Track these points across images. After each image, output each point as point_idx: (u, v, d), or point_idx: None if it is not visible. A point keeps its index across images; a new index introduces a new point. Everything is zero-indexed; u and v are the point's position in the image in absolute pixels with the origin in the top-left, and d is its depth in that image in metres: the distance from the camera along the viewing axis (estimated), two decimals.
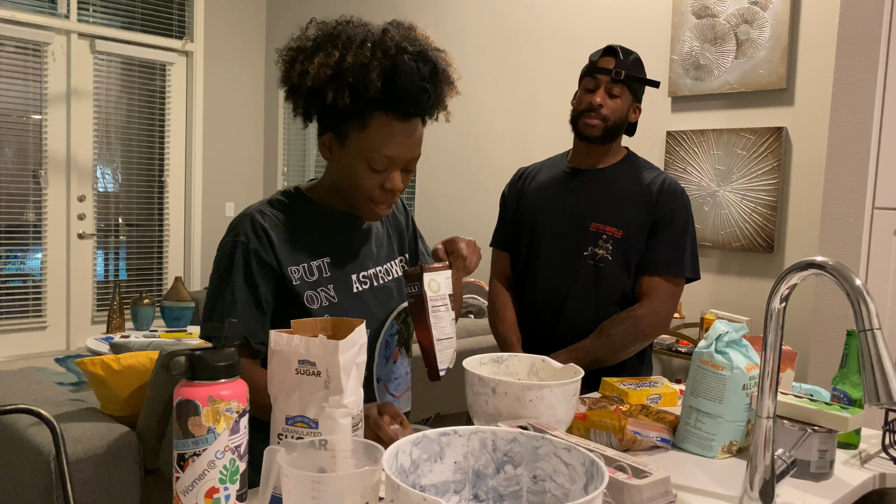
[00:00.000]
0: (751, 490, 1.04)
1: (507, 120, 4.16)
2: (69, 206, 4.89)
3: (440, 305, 1.26)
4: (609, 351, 1.80)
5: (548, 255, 1.90)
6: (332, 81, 1.20)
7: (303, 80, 1.22)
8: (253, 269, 1.25)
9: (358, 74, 1.19)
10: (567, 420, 1.20)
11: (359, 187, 1.27)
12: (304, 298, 1.27)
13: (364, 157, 1.24)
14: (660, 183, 1.84)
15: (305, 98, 1.25)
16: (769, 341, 1.02)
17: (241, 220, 1.28)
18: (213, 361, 0.85)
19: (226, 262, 1.26)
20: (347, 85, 1.19)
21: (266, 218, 1.28)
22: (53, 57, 4.76)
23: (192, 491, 0.84)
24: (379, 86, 1.19)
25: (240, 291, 1.24)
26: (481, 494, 0.89)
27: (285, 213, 1.31)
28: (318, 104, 1.24)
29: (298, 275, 1.28)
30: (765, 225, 3.09)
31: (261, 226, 1.26)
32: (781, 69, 3.04)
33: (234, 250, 1.25)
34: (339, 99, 1.20)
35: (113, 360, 2.26)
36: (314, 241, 1.31)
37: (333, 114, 1.24)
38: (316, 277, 1.29)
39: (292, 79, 1.24)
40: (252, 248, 1.25)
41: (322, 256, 1.31)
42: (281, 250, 1.27)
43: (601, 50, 1.87)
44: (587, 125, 1.84)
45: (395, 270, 1.43)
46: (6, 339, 4.69)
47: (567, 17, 3.85)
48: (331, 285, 1.30)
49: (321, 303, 1.28)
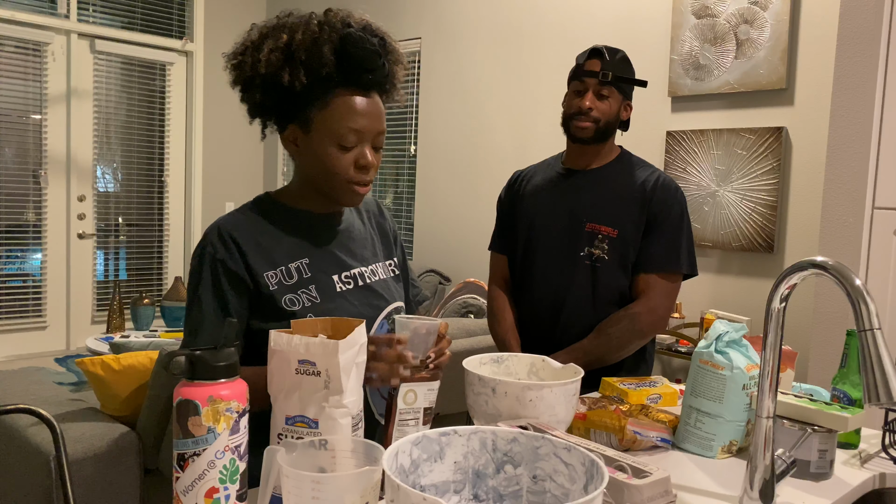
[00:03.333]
0: (751, 490, 1.04)
1: (507, 120, 4.16)
2: (69, 206, 4.89)
3: (409, 419, 1.15)
4: (608, 350, 1.80)
5: (545, 257, 1.90)
6: (285, 64, 1.20)
7: (255, 70, 1.21)
8: (221, 280, 1.22)
9: (310, 52, 1.20)
10: (567, 420, 1.20)
11: (334, 169, 1.24)
12: (282, 302, 1.23)
13: (332, 137, 1.23)
14: (654, 181, 1.85)
15: (262, 89, 1.23)
16: (769, 341, 1.02)
17: (209, 231, 1.26)
18: (213, 361, 0.85)
19: (195, 276, 1.24)
20: (301, 63, 1.20)
21: (234, 226, 1.25)
22: (53, 57, 4.76)
23: (192, 491, 0.84)
24: (333, 59, 1.20)
25: (207, 304, 1.22)
26: (481, 494, 0.89)
27: (256, 219, 1.28)
28: (276, 92, 1.22)
29: (276, 279, 1.24)
30: (765, 225, 3.09)
31: (228, 234, 1.24)
32: (781, 69, 3.04)
33: (202, 262, 1.23)
34: (295, 79, 1.20)
35: (113, 360, 2.26)
36: (291, 243, 1.28)
37: (293, 101, 1.23)
38: (295, 280, 1.26)
39: (244, 73, 1.23)
40: (219, 258, 1.22)
41: (301, 258, 1.28)
42: (253, 257, 1.24)
43: (587, 52, 1.86)
44: (578, 128, 1.84)
45: (381, 272, 1.39)
46: (6, 339, 4.69)
47: (567, 17, 3.85)
48: (312, 286, 1.27)
49: (303, 304, 1.25)
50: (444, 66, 4.50)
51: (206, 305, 1.22)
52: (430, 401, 1.16)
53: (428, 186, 4.62)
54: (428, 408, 1.16)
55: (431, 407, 1.16)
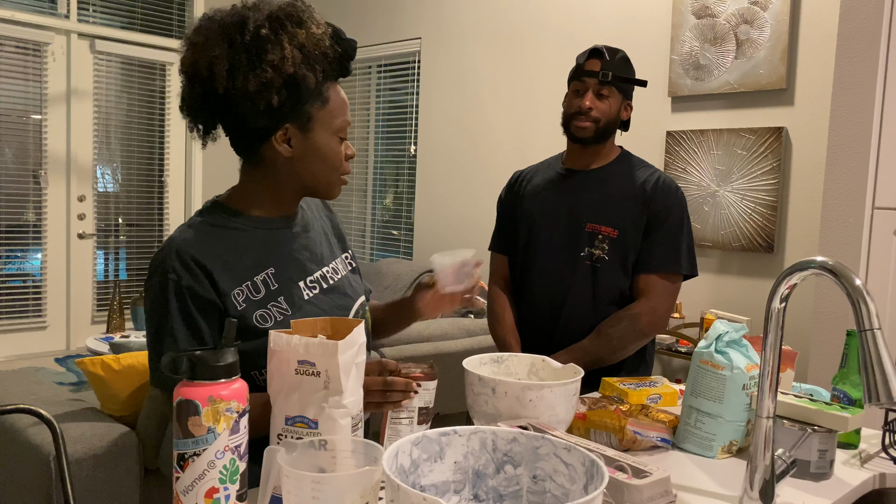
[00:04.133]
0: (751, 490, 1.04)
1: (507, 120, 4.16)
2: (69, 206, 4.89)
3: (403, 418, 1.13)
4: (608, 350, 1.80)
5: (545, 257, 1.90)
6: (303, 62, 1.16)
7: (278, 71, 1.15)
8: (189, 307, 1.14)
9: (317, 48, 1.18)
10: (567, 420, 1.20)
11: (335, 163, 1.23)
12: (253, 320, 1.17)
13: (335, 131, 1.22)
14: (654, 181, 1.85)
15: (285, 89, 1.16)
16: (769, 341, 1.02)
17: (166, 257, 1.15)
18: (213, 361, 0.85)
19: (159, 305, 1.14)
20: (318, 61, 1.18)
21: (193, 246, 1.16)
22: (53, 57, 4.76)
23: (192, 491, 0.84)
24: (339, 51, 1.20)
25: (180, 332, 1.13)
26: (481, 494, 0.89)
27: (213, 232, 1.20)
28: (293, 91, 1.17)
29: (243, 297, 1.17)
30: (765, 225, 3.09)
31: (191, 257, 1.14)
32: (781, 69, 3.04)
33: (166, 290, 1.13)
34: (315, 76, 1.18)
35: (113, 360, 2.26)
36: (253, 254, 1.21)
37: (297, 100, 1.18)
38: (263, 294, 1.19)
39: (265, 74, 1.14)
40: (185, 285, 1.13)
41: (265, 269, 1.21)
42: (220, 277, 1.15)
43: (587, 52, 1.86)
44: (578, 128, 1.84)
45: (340, 268, 1.35)
46: (6, 339, 4.68)
47: (567, 17, 3.85)
48: (281, 297, 1.21)
49: (274, 319, 1.19)
50: (444, 66, 4.50)
51: (180, 336, 1.13)
52: (425, 400, 1.14)
53: (428, 186, 4.62)
54: (424, 407, 1.15)
55: (428, 407, 1.15)
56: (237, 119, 1.19)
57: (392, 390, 1.09)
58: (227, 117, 1.20)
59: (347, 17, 5.07)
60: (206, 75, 1.16)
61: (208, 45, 1.16)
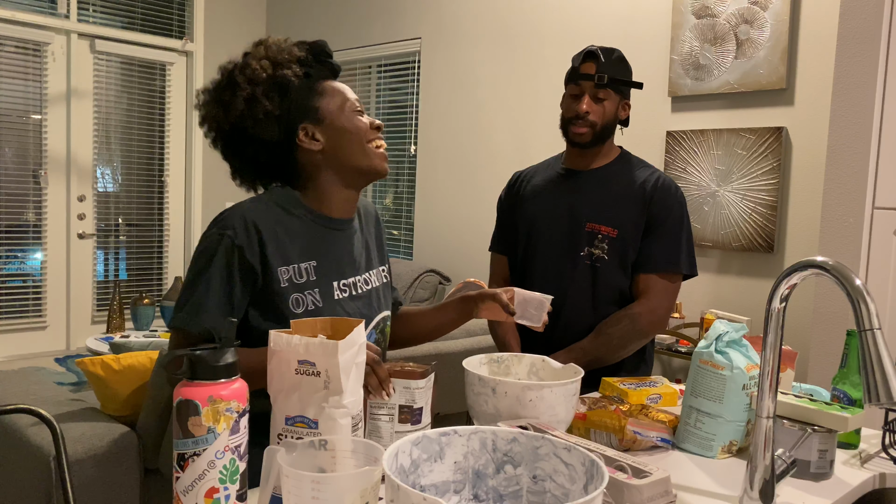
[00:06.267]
0: (751, 490, 1.04)
1: (507, 120, 4.16)
2: (69, 206, 4.89)
3: (381, 414, 1.12)
4: (608, 350, 1.80)
5: (545, 257, 1.90)
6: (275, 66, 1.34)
7: (254, 83, 1.31)
8: (234, 266, 1.22)
9: (283, 52, 1.36)
10: (567, 420, 1.20)
11: (359, 131, 1.35)
12: (289, 301, 1.25)
13: (343, 108, 1.35)
14: (653, 181, 1.84)
15: (272, 93, 1.33)
16: (769, 341, 1.02)
17: (231, 214, 1.25)
18: (213, 361, 0.85)
19: (207, 255, 1.23)
20: (291, 62, 1.35)
21: (258, 215, 1.26)
22: (53, 57, 4.76)
23: (192, 491, 0.84)
24: (309, 55, 1.37)
25: (215, 285, 1.21)
26: (481, 494, 0.89)
27: (278, 211, 1.30)
28: (282, 93, 1.33)
29: (287, 276, 1.26)
30: (765, 225, 3.09)
31: (252, 223, 1.24)
32: (781, 69, 3.04)
33: (220, 244, 1.23)
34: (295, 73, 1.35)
35: (113, 360, 2.26)
36: (304, 243, 1.30)
37: (291, 100, 1.33)
38: (304, 280, 1.28)
39: (244, 90, 1.31)
40: (238, 244, 1.23)
41: (310, 260, 1.30)
42: (270, 250, 1.25)
43: (581, 54, 1.85)
44: (576, 133, 1.84)
45: (374, 280, 1.44)
46: (6, 339, 4.69)
47: (567, 17, 3.85)
48: (316, 290, 1.29)
49: (306, 306, 1.27)
50: (444, 66, 4.50)
51: (214, 289, 1.21)
52: (407, 399, 1.14)
53: (428, 186, 4.62)
54: (406, 406, 1.13)
55: (411, 406, 1.14)
56: (258, 142, 1.32)
57: (373, 373, 1.09)
58: (247, 148, 1.34)
59: (347, 17, 5.08)
60: (213, 128, 1.35)
61: (207, 112, 1.36)
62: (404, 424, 1.14)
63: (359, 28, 4.97)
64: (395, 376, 1.13)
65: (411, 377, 1.14)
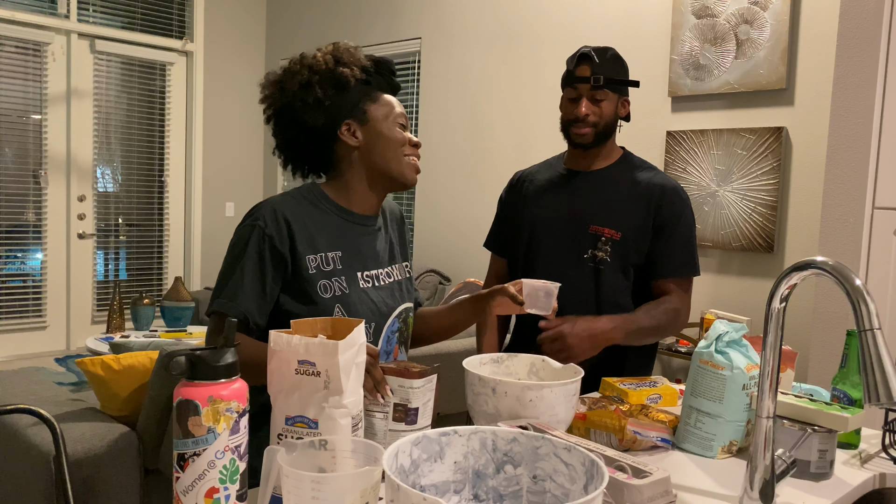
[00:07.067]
0: (751, 490, 1.04)
1: (507, 120, 4.16)
2: (69, 206, 4.89)
3: (375, 411, 1.12)
4: (652, 326, 1.77)
5: (547, 259, 1.89)
6: (337, 63, 1.44)
7: (313, 70, 1.42)
8: (266, 254, 1.32)
9: (349, 55, 1.46)
10: (567, 420, 1.20)
11: (397, 142, 1.43)
12: (317, 287, 1.34)
13: (389, 118, 1.43)
14: (659, 184, 1.84)
15: (327, 84, 1.42)
16: (769, 341, 1.02)
17: (261, 207, 1.35)
18: (213, 361, 0.85)
19: (241, 245, 1.33)
20: (353, 63, 1.45)
21: (287, 207, 1.36)
22: (53, 57, 4.76)
23: (192, 491, 0.84)
24: (371, 63, 1.47)
25: (249, 272, 1.31)
26: (481, 494, 0.89)
27: (306, 205, 1.39)
28: (338, 88, 1.43)
29: (315, 263, 1.35)
30: (765, 225, 3.09)
31: (282, 215, 1.34)
32: (781, 69, 3.04)
33: (252, 234, 1.32)
34: (353, 73, 1.44)
35: (113, 360, 2.26)
36: (331, 235, 1.39)
37: (344, 97, 1.42)
38: (331, 268, 1.37)
39: (302, 74, 1.42)
40: (268, 234, 1.32)
41: (336, 250, 1.39)
42: (299, 239, 1.34)
43: (575, 57, 1.84)
44: (577, 135, 1.84)
45: (397, 273, 1.51)
46: (6, 339, 4.69)
47: (567, 17, 3.85)
48: (343, 277, 1.37)
49: (333, 292, 1.35)
50: (444, 66, 4.50)
51: (248, 276, 1.31)
52: (402, 397, 1.12)
53: (428, 186, 4.62)
54: (400, 404, 1.12)
55: (406, 405, 1.13)
56: (301, 126, 1.41)
57: (369, 374, 1.10)
58: (291, 128, 1.43)
59: (347, 17, 5.07)
60: (269, 105, 1.46)
61: (266, 89, 1.47)
62: (398, 423, 1.14)
63: (359, 28, 4.96)
64: (391, 374, 1.13)
65: (407, 376, 1.13)
